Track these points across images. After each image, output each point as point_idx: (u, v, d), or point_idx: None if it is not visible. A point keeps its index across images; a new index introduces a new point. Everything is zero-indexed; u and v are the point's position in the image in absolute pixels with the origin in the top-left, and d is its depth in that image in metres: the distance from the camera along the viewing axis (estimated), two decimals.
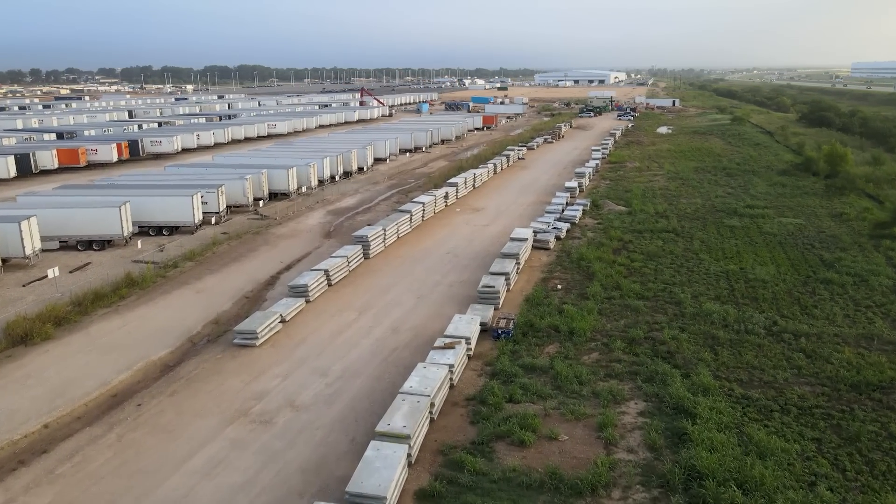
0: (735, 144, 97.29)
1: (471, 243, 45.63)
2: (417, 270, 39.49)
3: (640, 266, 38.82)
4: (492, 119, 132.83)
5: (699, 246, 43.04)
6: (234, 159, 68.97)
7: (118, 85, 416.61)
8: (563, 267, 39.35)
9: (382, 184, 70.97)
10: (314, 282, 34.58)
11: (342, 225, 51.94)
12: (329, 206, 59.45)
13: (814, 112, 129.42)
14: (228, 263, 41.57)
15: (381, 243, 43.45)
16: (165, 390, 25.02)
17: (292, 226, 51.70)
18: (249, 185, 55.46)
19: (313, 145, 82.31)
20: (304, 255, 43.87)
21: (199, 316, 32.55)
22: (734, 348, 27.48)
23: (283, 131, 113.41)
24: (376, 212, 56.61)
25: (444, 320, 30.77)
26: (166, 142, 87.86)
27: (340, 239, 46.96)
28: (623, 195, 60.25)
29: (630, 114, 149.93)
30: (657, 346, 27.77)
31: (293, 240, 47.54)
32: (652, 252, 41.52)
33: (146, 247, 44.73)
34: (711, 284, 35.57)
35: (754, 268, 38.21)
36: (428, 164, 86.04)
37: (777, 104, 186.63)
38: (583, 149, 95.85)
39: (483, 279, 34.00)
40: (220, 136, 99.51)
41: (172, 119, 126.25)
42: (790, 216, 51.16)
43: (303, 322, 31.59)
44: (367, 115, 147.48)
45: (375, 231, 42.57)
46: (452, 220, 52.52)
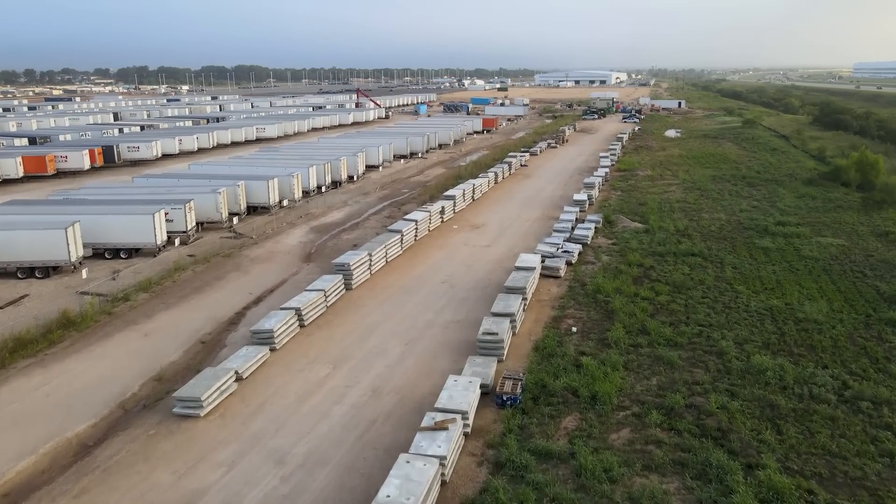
0: (750, 150, 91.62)
1: (469, 269, 39.92)
2: (407, 306, 33.77)
3: (666, 301, 33.13)
4: (492, 122, 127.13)
5: (732, 274, 37.35)
6: (212, 168, 63.23)
7: (113, 86, 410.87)
8: (576, 301, 33.65)
9: (374, 194, 65.28)
10: (282, 325, 28.88)
11: (325, 245, 46.21)
12: (313, 221, 53.72)
13: (828, 114, 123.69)
14: (189, 295, 35.85)
15: (367, 271, 37.74)
16: (72, 488, 19.30)
17: (269, 246, 45.97)
18: (223, 198, 49.70)
19: (300, 152, 76.57)
20: (278, 283, 38.18)
21: (140, 369, 26.85)
22: (801, 423, 21.78)
23: (272, 135, 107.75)
24: (365, 228, 50.92)
25: (437, 378, 25.14)
26: (144, 147, 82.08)
27: (322, 263, 41.29)
28: (637, 209, 54.56)
29: (635, 116, 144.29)
30: (703, 418, 22.06)
31: (268, 264, 41.82)
32: (679, 282, 35.81)
33: (96, 274, 39.05)
34: (755, 327, 29.87)
35: (802, 303, 32.52)
36: (424, 171, 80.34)
37: (785, 105, 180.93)
38: (589, 154, 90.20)
39: (484, 323, 28.29)
40: (205, 141, 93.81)
41: (158, 122, 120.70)
42: (829, 235, 45.46)
43: (264, 379, 25.89)
44: (362, 118, 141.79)
45: (359, 258, 36.84)
46: (449, 240, 46.80)
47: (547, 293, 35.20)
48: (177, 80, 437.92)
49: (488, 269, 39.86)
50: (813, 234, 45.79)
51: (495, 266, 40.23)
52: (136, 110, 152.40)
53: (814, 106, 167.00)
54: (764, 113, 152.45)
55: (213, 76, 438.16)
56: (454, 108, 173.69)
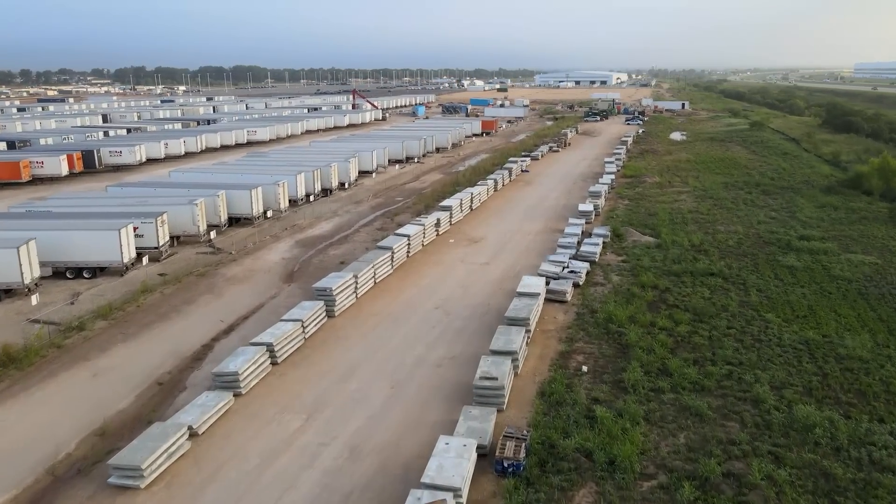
0: (761, 154, 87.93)
1: (467, 292, 36.13)
2: (395, 338, 30.00)
3: (687, 332, 29.38)
4: (491, 124, 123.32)
5: (758, 299, 33.58)
6: (193, 176, 59.43)
7: (109, 86, 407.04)
8: (586, 332, 29.89)
9: (366, 203, 61.51)
10: (249, 366, 25.11)
11: (310, 262, 42.44)
12: (299, 233, 49.94)
13: (838, 116, 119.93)
14: (152, 323, 32.08)
15: (352, 295, 33.97)
16: None
17: (248, 263, 42.20)
18: (201, 210, 45.92)
19: (290, 157, 72.80)
20: (254, 308, 34.41)
21: (81, 421, 23.09)
22: (864, 500, 18.03)
23: (264, 138, 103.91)
24: (354, 242, 47.16)
25: (426, 433, 21.45)
26: (127, 152, 78.28)
27: (305, 282, 37.52)
28: (647, 220, 50.80)
29: (639, 118, 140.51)
30: (745, 493, 18.31)
31: (245, 285, 38.05)
32: (699, 309, 32.03)
33: (53, 297, 35.31)
34: (792, 366, 26.12)
35: (841, 336, 28.78)
36: (420, 177, 76.57)
37: (790, 107, 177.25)
38: (592, 159, 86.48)
39: (482, 364, 24.51)
40: (192, 145, 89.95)
41: (147, 124, 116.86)
42: (858, 251, 41.71)
43: (224, 434, 22.13)
44: (358, 120, 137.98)
45: (343, 281, 33.04)
46: (445, 257, 43.02)
47: (552, 321, 31.43)
48: (174, 80, 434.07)
49: (487, 291, 36.08)
50: (841, 249, 42.04)
51: (495, 288, 36.48)
52: (126, 112, 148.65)
53: (820, 107, 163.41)
54: (770, 115, 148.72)
55: (209, 76, 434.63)
56: (453, 110, 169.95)
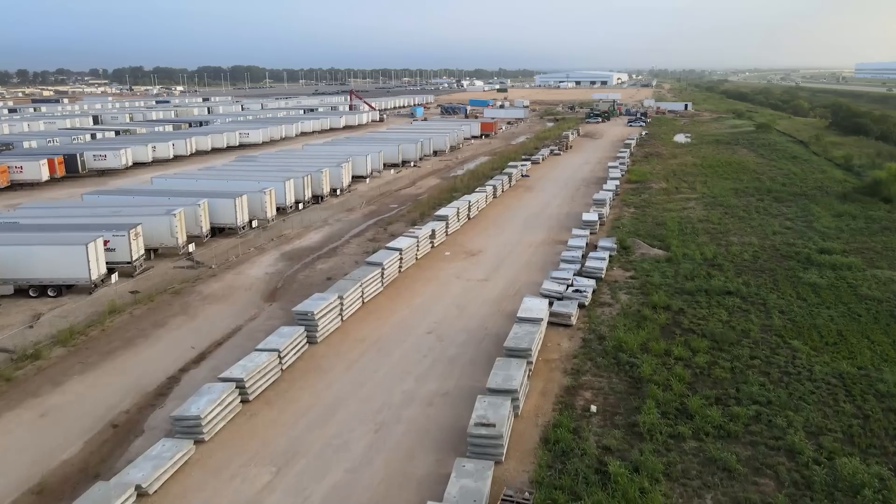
0: (769, 157, 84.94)
1: (462, 313, 33.16)
2: (382, 369, 27.05)
3: (707, 363, 26.44)
4: (491, 126, 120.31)
5: (781, 322, 30.64)
6: (175, 183, 56.46)
7: (106, 86, 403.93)
8: (594, 363, 26.95)
9: (359, 211, 58.60)
10: (214, 407, 22.18)
11: (295, 278, 39.52)
12: (286, 245, 47.02)
13: (846, 118, 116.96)
14: (115, 351, 29.15)
15: (337, 318, 31.02)
16: None
17: (229, 279, 39.28)
18: (179, 221, 43.01)
19: (280, 161, 69.83)
20: (230, 332, 31.49)
21: (20, 474, 20.14)
22: None
23: (256, 141, 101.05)
24: (343, 255, 44.25)
25: (412, 492, 18.58)
26: (112, 156, 75.37)
27: (288, 301, 34.57)
28: (655, 231, 47.85)
29: (641, 119, 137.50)
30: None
31: (222, 305, 35.13)
32: (718, 334, 29.07)
33: (12, 319, 32.38)
34: (828, 406, 23.18)
35: (879, 368, 25.84)
36: (416, 182, 73.66)
37: (794, 108, 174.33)
38: (595, 162, 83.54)
39: (477, 407, 21.55)
40: (182, 148, 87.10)
41: (138, 126, 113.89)
42: (885, 267, 38.75)
43: (179, 493, 19.17)
44: (355, 122, 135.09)
45: (327, 303, 30.06)
46: (439, 272, 40.07)
47: (556, 349, 28.50)
48: (172, 80, 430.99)
49: (484, 312, 33.13)
50: (865, 264, 39.08)
51: (493, 309, 33.53)
52: (118, 113, 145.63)
53: (824, 108, 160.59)
54: (775, 116, 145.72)
55: (206, 76, 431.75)
56: (452, 111, 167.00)
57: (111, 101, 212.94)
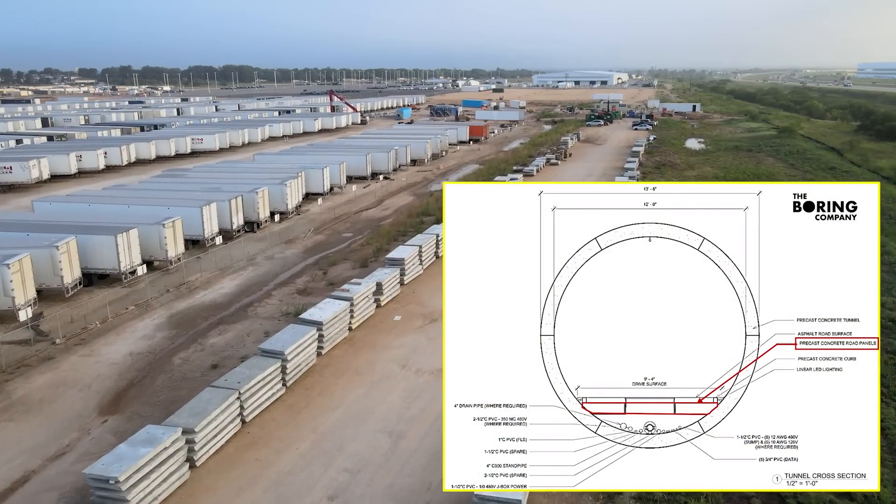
0: (801, 168, 72.71)
1: (395, 448, 20.56)
2: None
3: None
4: (480, 130, 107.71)
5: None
6: (61, 209, 43.85)
7: (91, 86, 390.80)
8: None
9: (300, 242, 46.09)
10: None
11: (167, 364, 26.89)
12: (182, 300, 34.49)
13: (880, 121, 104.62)
14: None
15: (180, 472, 18.47)
16: None
17: (68, 365, 26.73)
18: (17, 273, 30.42)
19: (215, 176, 57.22)
20: (17, 480, 18.99)
21: None
22: None
23: (212, 147, 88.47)
24: (255, 318, 31.78)
25: None
26: (19, 168, 62.80)
27: (138, 410, 22.21)
28: None
29: (648, 122, 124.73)
30: None
31: (31, 420, 22.58)
32: None
33: None
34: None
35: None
36: (384, 200, 61.17)
37: (808, 109, 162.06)
38: (599, 175, 71.06)
39: None
40: (116, 157, 74.52)
41: (84, 131, 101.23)
42: None
43: None
44: (332, 124, 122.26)
45: (158, 449, 17.42)
46: (380, 354, 27.47)
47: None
48: (160, 80, 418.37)
49: (433, 444, 20.56)
50: None
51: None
52: (73, 115, 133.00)
53: (841, 109, 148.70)
54: (794, 118, 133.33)
55: (195, 76, 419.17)
56: (442, 112, 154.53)
57: (86, 102, 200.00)
